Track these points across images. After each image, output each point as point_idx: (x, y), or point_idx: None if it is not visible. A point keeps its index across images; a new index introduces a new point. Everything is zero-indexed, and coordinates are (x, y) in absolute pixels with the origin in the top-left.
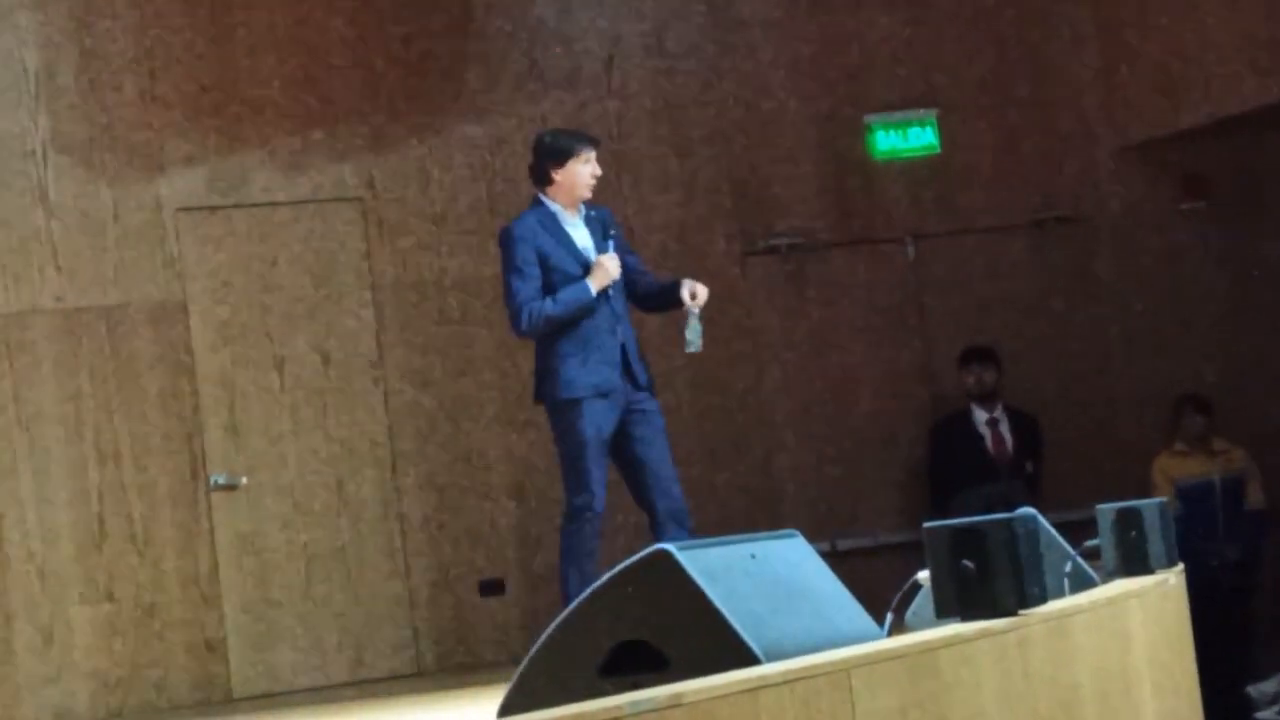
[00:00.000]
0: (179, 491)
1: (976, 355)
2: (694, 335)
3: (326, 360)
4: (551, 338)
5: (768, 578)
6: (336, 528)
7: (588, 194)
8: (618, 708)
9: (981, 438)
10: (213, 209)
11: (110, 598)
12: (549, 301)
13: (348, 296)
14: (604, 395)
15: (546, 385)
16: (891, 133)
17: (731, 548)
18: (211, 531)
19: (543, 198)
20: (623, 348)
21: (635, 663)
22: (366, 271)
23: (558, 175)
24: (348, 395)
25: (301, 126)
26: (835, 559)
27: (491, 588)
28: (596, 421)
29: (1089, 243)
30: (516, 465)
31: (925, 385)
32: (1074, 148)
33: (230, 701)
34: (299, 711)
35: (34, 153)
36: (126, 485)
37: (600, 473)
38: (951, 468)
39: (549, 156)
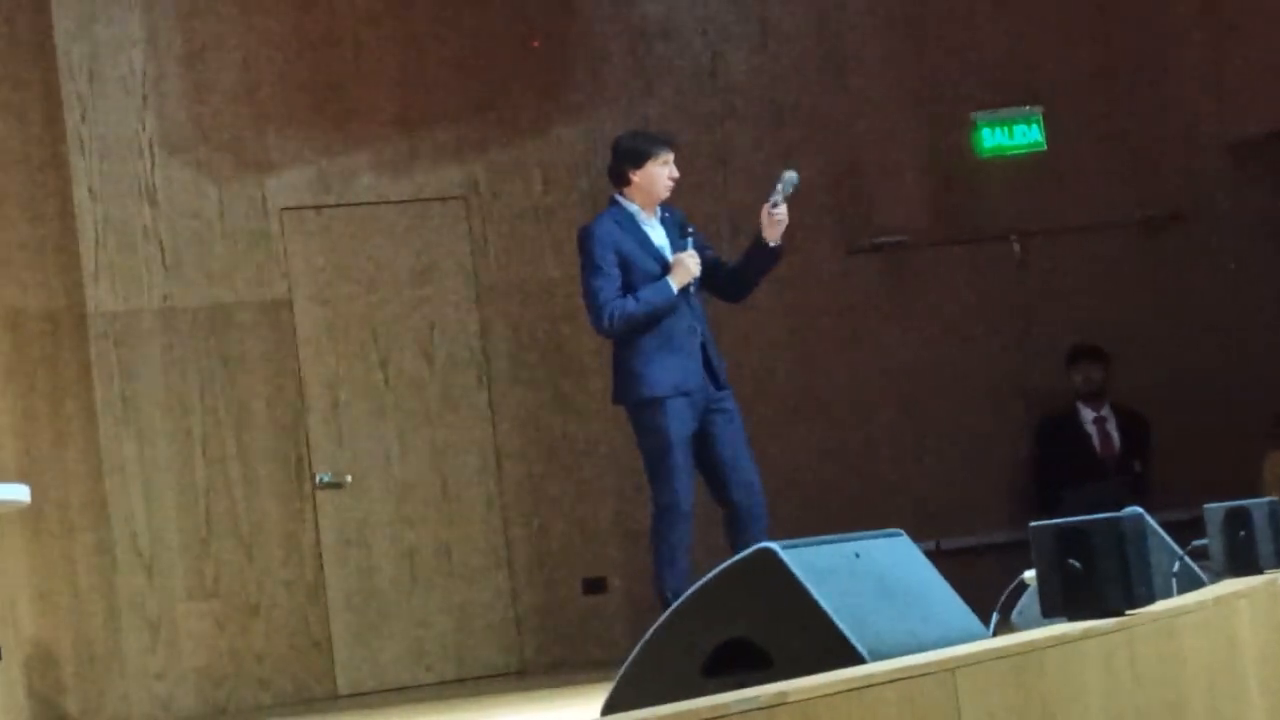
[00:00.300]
0: (284, 489)
1: (1084, 354)
2: (786, 187)
3: (430, 359)
4: (633, 337)
5: (872, 577)
6: (440, 526)
7: (665, 195)
8: (722, 706)
9: (1088, 436)
10: (318, 208)
11: (216, 594)
12: (630, 300)
13: (451, 295)
14: (685, 394)
15: (628, 385)
16: (997, 130)
17: (836, 546)
18: (316, 529)
19: (620, 199)
20: (703, 347)
21: (739, 662)
22: (470, 270)
23: (636, 176)
24: (451, 394)
25: (406, 126)
26: (940, 558)
27: (595, 586)
28: (680, 420)
29: (1197, 240)
30: (619, 463)
31: (1032, 384)
32: (1181, 144)
33: (335, 698)
34: (403, 708)
35: (142, 153)
36: (232, 483)
37: (685, 471)
38: (1058, 467)
39: (627, 158)
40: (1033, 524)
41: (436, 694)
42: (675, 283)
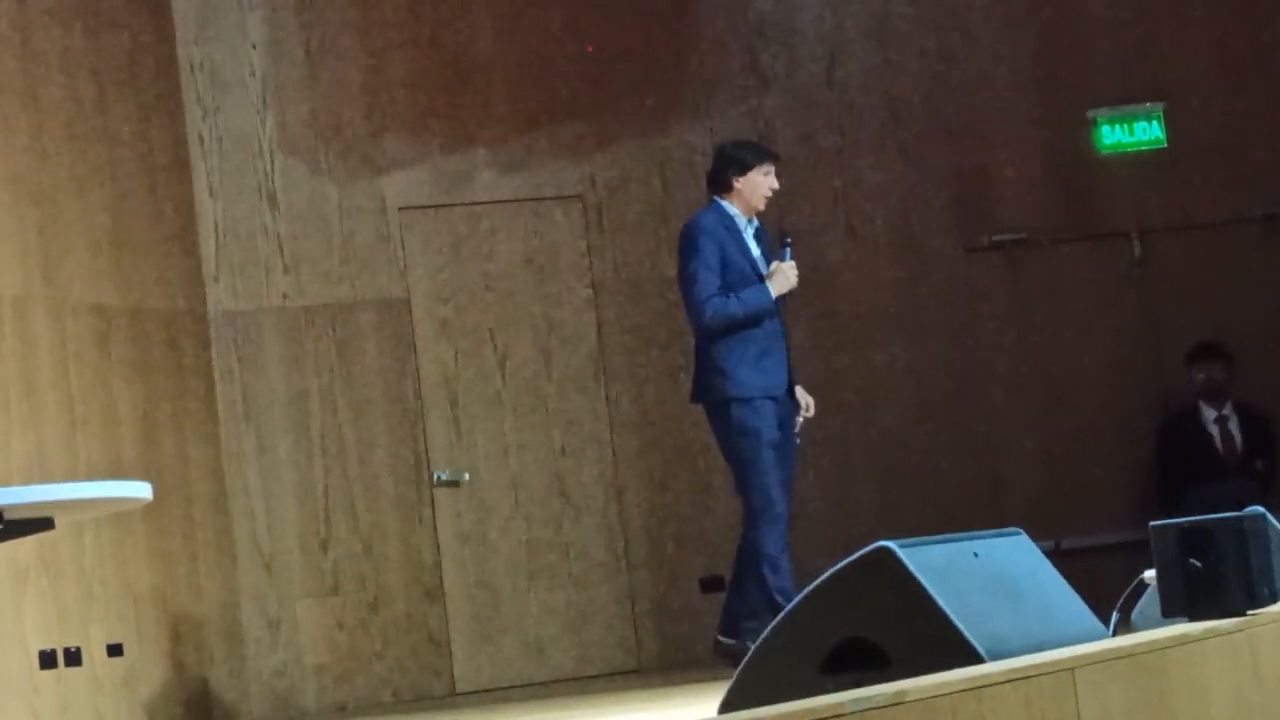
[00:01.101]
0: (402, 487)
1: (1205, 352)
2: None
3: (548, 357)
4: (726, 338)
5: (991, 576)
6: (558, 523)
7: (762, 205)
8: (840, 705)
9: (1210, 436)
10: (436, 208)
11: (336, 592)
12: (733, 300)
13: (568, 294)
14: (773, 398)
15: (716, 385)
16: (1117, 126)
17: (954, 545)
18: (434, 527)
19: (721, 202)
20: (787, 358)
21: (857, 660)
22: (587, 269)
23: (739, 183)
24: (568, 392)
25: (523, 126)
26: (1060, 557)
27: (712, 584)
28: (768, 423)
29: None
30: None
31: (1152, 382)
32: None
33: (453, 695)
34: (521, 706)
35: (261, 153)
36: (351, 481)
37: (776, 472)
38: (1179, 466)
39: (732, 164)
40: (1153, 523)
41: (553, 691)
42: (774, 289)
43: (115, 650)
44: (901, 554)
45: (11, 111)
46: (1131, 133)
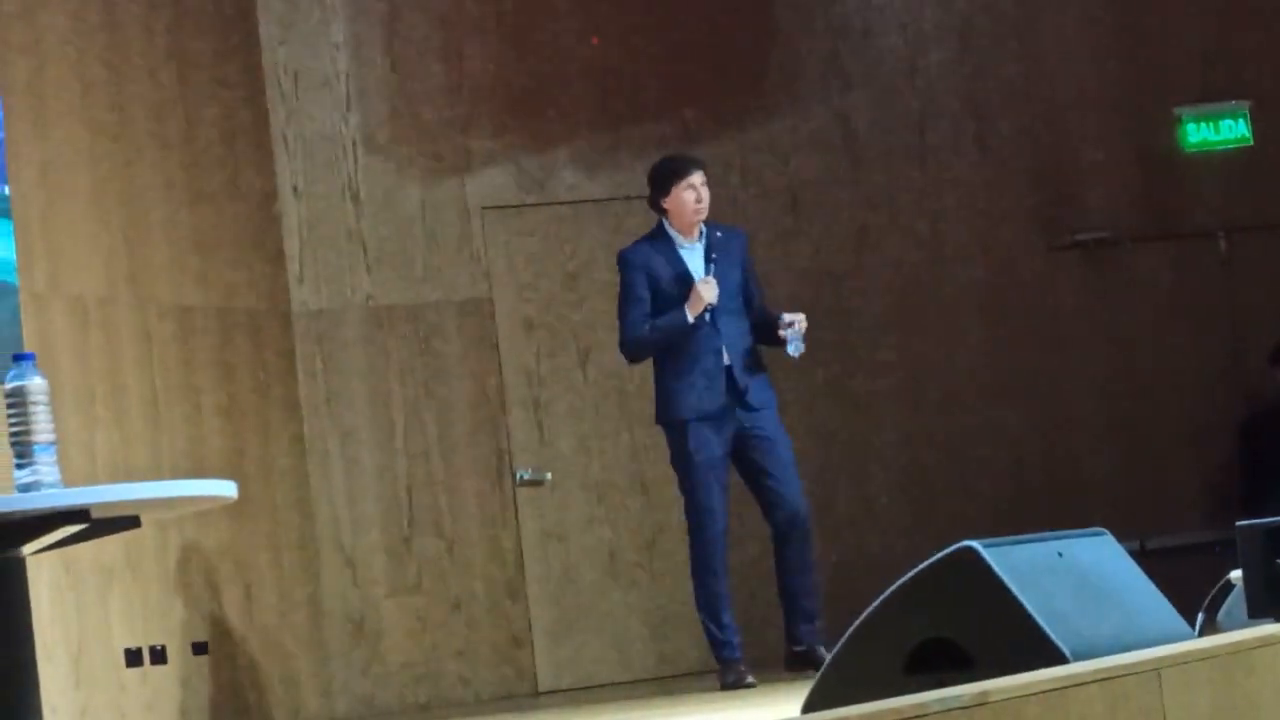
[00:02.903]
0: (485, 487)
1: None
2: (796, 344)
3: None
4: (660, 361)
5: (1075, 576)
6: (640, 523)
7: (695, 219)
8: (923, 705)
9: None
10: (518, 206)
11: (418, 591)
12: (647, 328)
13: None
14: (707, 418)
15: (660, 406)
16: (1202, 125)
17: (1038, 546)
18: (517, 526)
19: (664, 222)
20: (728, 370)
21: (940, 660)
22: None
23: (666, 204)
24: (650, 391)
25: (606, 124)
26: (1144, 557)
27: None
28: (701, 443)
29: None
30: (810, 462)
31: (1236, 382)
32: None
33: (535, 695)
34: (603, 706)
35: (345, 152)
36: (434, 480)
37: (712, 492)
38: (1263, 466)
39: (654, 187)
40: (1240, 524)
41: (636, 692)
42: (689, 310)
43: (200, 648)
44: (985, 554)
45: (98, 114)
46: (1217, 131)
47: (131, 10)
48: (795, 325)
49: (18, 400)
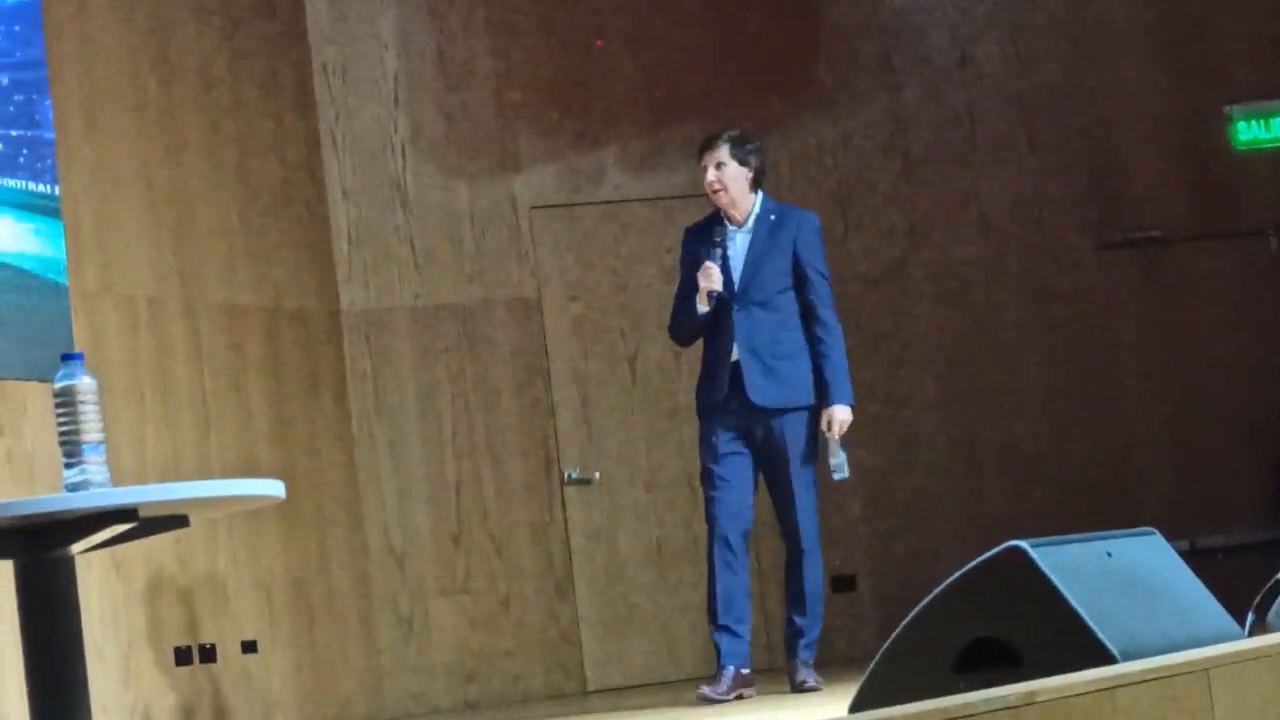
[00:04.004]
0: (533, 486)
1: None
2: (838, 464)
3: (678, 355)
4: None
5: (1124, 576)
6: (688, 522)
7: (715, 199)
8: (971, 705)
9: None
10: (567, 206)
11: (467, 590)
12: (674, 316)
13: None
14: (715, 413)
15: None
16: (1254, 123)
17: (1087, 545)
18: (565, 525)
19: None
20: (735, 366)
21: (988, 660)
22: None
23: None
24: None
25: (654, 123)
26: (1194, 557)
27: (843, 584)
28: (711, 439)
29: None
30: (863, 462)
31: None
32: None
33: (584, 694)
34: (651, 704)
35: (393, 153)
36: (482, 479)
37: (721, 491)
38: None
39: None
40: None
41: (685, 690)
42: (700, 303)
43: (249, 647)
44: (1034, 553)
45: (147, 114)
46: (1268, 129)
47: (181, 12)
48: (831, 444)
49: (66, 400)
